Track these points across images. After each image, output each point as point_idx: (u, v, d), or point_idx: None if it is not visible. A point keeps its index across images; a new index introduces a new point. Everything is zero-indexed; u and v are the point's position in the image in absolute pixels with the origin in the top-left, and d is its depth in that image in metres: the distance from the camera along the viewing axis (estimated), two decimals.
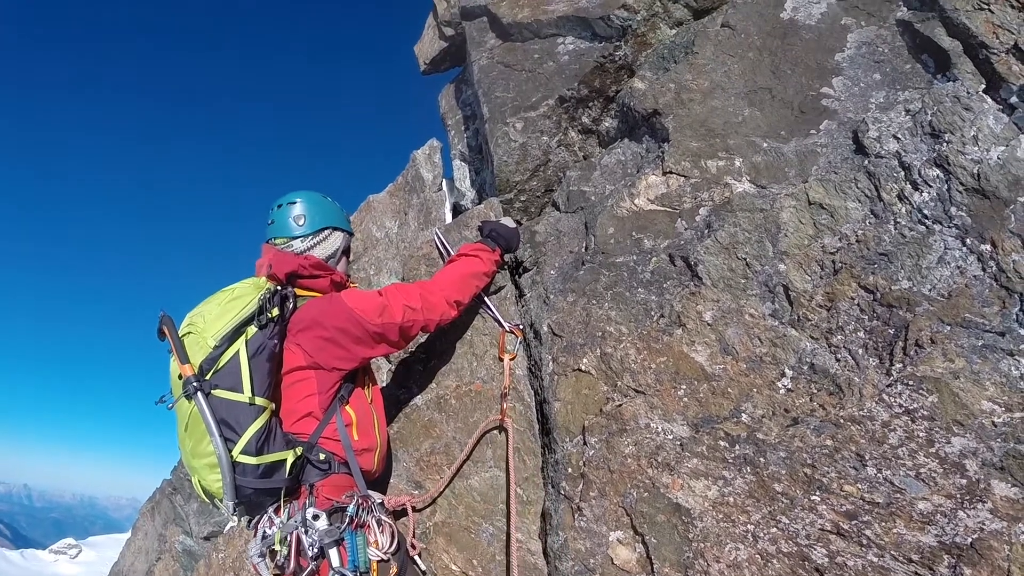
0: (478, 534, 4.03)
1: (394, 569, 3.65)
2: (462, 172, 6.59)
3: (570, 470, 3.73)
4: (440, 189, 5.95)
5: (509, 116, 5.37)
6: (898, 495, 2.81)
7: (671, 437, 3.49)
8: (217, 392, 3.47)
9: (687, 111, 4.52)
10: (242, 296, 3.74)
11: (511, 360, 4.40)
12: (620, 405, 3.73)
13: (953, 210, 3.35)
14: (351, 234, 4.49)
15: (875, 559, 2.69)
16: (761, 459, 3.17)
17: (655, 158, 4.54)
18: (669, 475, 3.34)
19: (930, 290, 3.23)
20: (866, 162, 3.71)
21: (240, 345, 3.59)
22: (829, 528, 2.84)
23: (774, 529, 2.94)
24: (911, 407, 2.98)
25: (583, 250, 4.58)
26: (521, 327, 4.55)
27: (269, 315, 3.72)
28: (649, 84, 4.87)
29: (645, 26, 5.26)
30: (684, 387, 3.63)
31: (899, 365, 3.10)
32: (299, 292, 4.03)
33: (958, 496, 2.72)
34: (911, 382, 3.03)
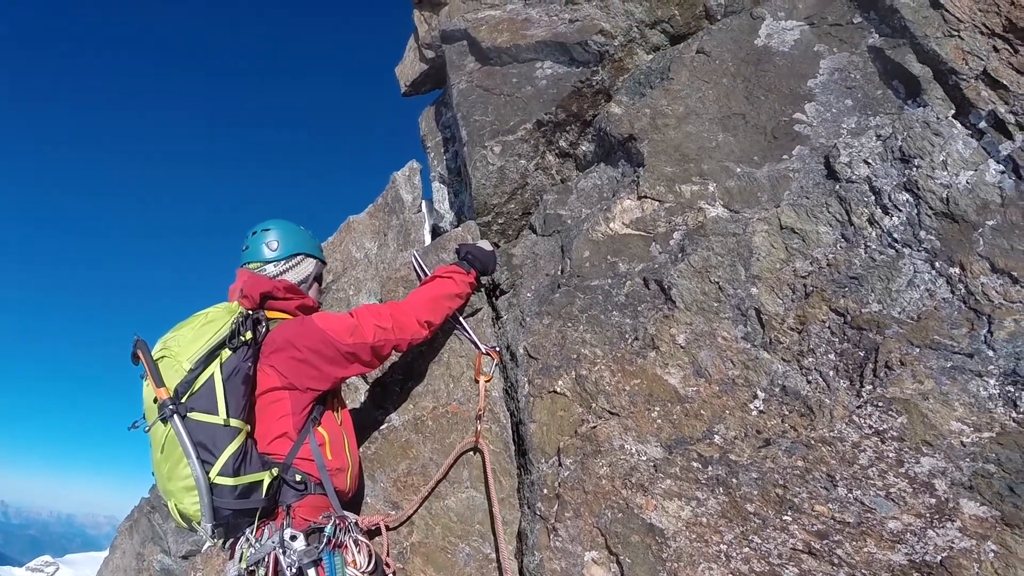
0: (455, 554, 4.04)
1: None
2: (441, 194, 6.62)
3: (545, 491, 3.74)
4: (419, 211, 5.98)
5: (487, 139, 5.41)
6: (868, 514, 2.84)
7: (645, 458, 3.51)
8: (193, 415, 3.49)
9: (662, 136, 4.57)
10: (215, 320, 3.77)
11: (487, 382, 4.43)
12: (595, 427, 3.75)
13: (923, 234, 3.40)
14: (323, 262, 4.58)
15: None
16: (733, 480, 3.19)
17: (630, 182, 4.57)
18: (643, 496, 3.36)
19: (900, 312, 3.27)
20: (837, 187, 3.76)
21: (215, 368, 3.61)
22: (801, 548, 2.86)
23: (747, 549, 2.96)
24: (881, 428, 3.02)
25: (559, 273, 4.60)
26: (498, 349, 4.58)
27: (242, 338, 3.76)
28: (625, 109, 4.92)
29: (622, 51, 5.32)
30: (658, 409, 3.65)
31: (869, 387, 3.14)
32: (270, 315, 4.06)
33: (927, 515, 2.76)
34: (881, 403, 3.06)
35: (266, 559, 3.48)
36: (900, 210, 3.51)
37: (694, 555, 3.07)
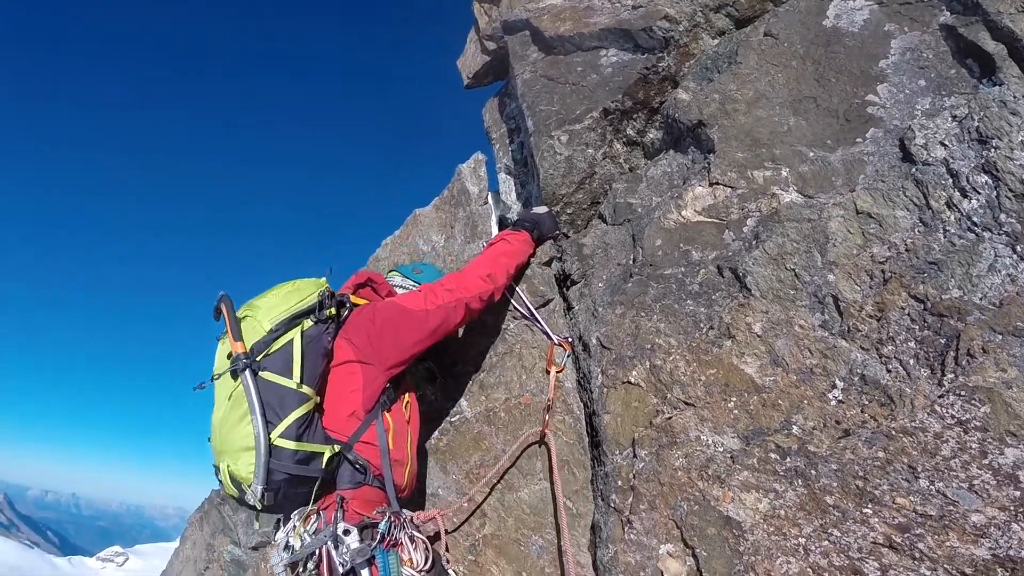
0: (527, 546, 4.05)
1: None
2: (508, 185, 6.62)
3: (620, 483, 3.73)
4: (486, 202, 5.98)
5: (554, 129, 5.39)
6: (951, 507, 2.78)
7: (721, 449, 3.48)
8: (265, 374, 3.54)
9: (732, 121, 4.51)
10: (302, 290, 3.87)
11: (558, 373, 4.43)
12: (670, 417, 3.73)
13: (1003, 217, 3.32)
14: None
15: (928, 573, 2.66)
16: (812, 471, 3.15)
17: (701, 169, 4.53)
18: (720, 488, 3.33)
19: (981, 299, 3.19)
20: (913, 170, 3.68)
21: (295, 334, 3.69)
22: (881, 541, 2.81)
23: (825, 542, 2.92)
24: (963, 418, 2.95)
25: (631, 262, 4.58)
26: (570, 340, 4.58)
27: (327, 312, 3.85)
28: (693, 95, 4.86)
29: (687, 37, 5.26)
30: (734, 399, 3.62)
31: (951, 375, 3.07)
32: (355, 300, 4.14)
33: (1012, 508, 2.68)
34: (963, 392, 2.99)
35: (317, 553, 3.44)
36: (979, 192, 3.43)
37: (772, 548, 3.03)
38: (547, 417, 4.26)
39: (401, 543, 3.60)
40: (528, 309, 4.70)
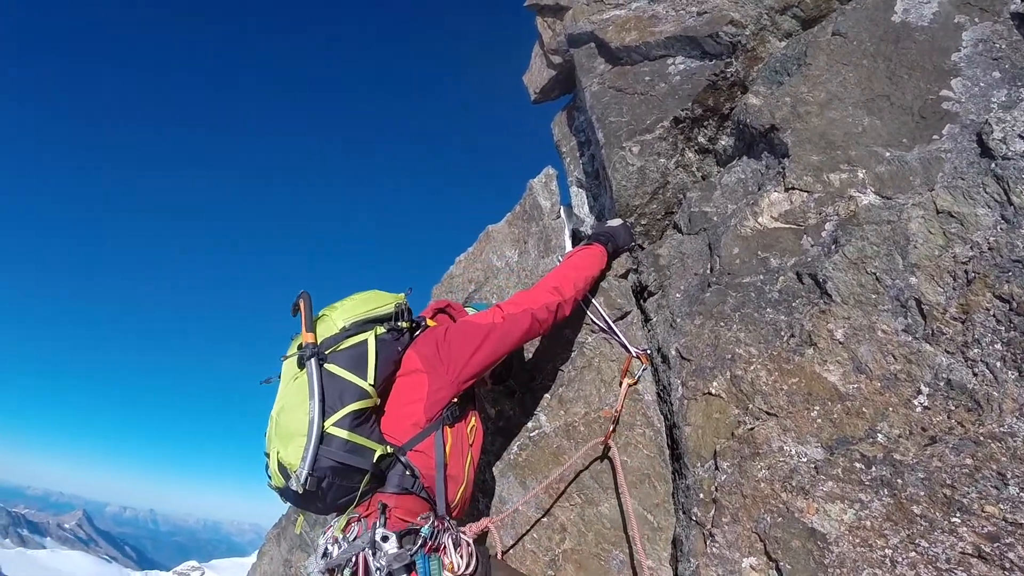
0: (608, 561, 4.04)
1: None
2: (580, 198, 6.61)
3: (702, 495, 3.70)
4: (558, 216, 5.99)
5: (625, 140, 5.38)
6: None
7: (805, 460, 3.43)
8: (330, 366, 3.62)
9: (805, 124, 4.45)
10: (379, 298, 4.01)
11: (631, 385, 4.41)
12: (752, 428, 3.69)
13: None
14: None
15: None
16: (898, 480, 3.08)
17: (776, 174, 4.48)
18: (804, 499, 3.28)
19: None
20: (993, 165, 3.58)
21: (369, 336, 3.78)
22: (970, 551, 2.74)
23: (913, 553, 2.86)
24: None
25: (708, 271, 4.55)
26: (648, 352, 4.55)
27: (401, 323, 3.97)
28: (764, 99, 4.81)
29: (754, 40, 5.20)
30: (817, 408, 3.56)
31: None
32: (429, 322, 4.20)
33: None
34: None
35: (354, 559, 3.41)
36: None
37: (858, 560, 2.98)
38: (611, 428, 4.24)
39: (444, 547, 3.58)
40: (605, 322, 4.69)
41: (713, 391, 3.97)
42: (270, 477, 3.70)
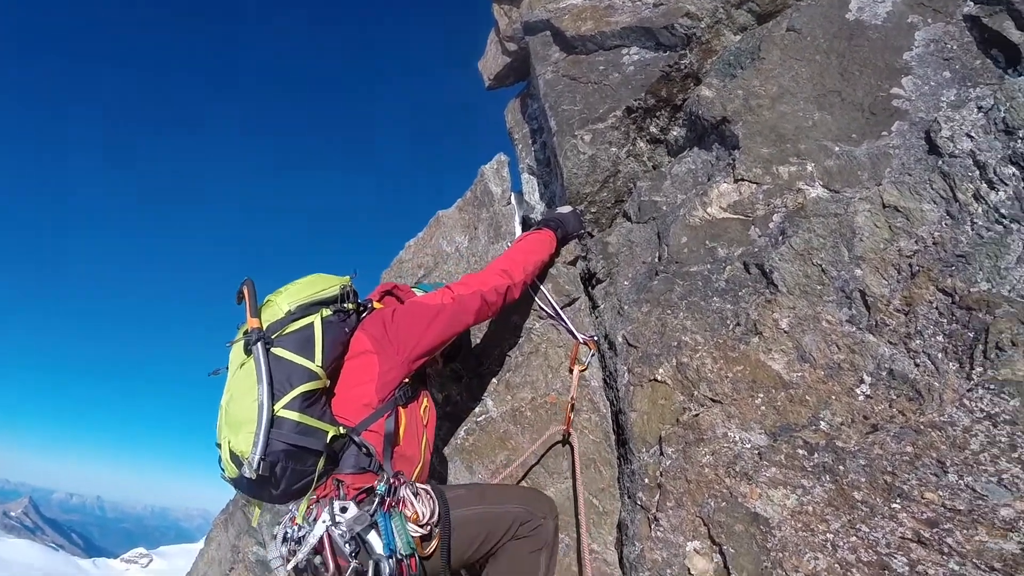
0: None
1: (435, 543, 3.58)
2: (531, 185, 6.61)
3: (647, 480, 3.72)
4: (509, 203, 5.98)
5: (577, 128, 5.38)
6: (980, 502, 2.75)
7: (749, 446, 3.47)
8: (277, 350, 3.58)
9: (756, 117, 4.49)
10: (324, 281, 3.97)
11: (581, 371, 4.43)
12: (697, 415, 3.72)
13: None
14: None
15: (956, 567, 2.63)
16: (840, 467, 3.13)
17: (726, 166, 4.51)
18: (747, 484, 3.32)
19: (1010, 291, 3.16)
20: (940, 162, 3.65)
21: (315, 318, 3.75)
22: (910, 536, 2.79)
23: (854, 538, 2.90)
24: (992, 412, 2.92)
25: (656, 260, 4.57)
26: (595, 339, 4.57)
27: (347, 306, 3.95)
28: (716, 91, 4.84)
29: (709, 33, 5.23)
30: (761, 395, 3.60)
31: (980, 369, 3.04)
32: (376, 305, 4.19)
33: None
34: (992, 386, 2.96)
35: (319, 544, 3.34)
36: (1006, 184, 3.39)
37: (800, 544, 3.02)
38: (570, 415, 4.26)
39: (404, 499, 3.53)
40: (553, 308, 4.70)
41: (659, 378, 4.00)
42: (223, 468, 3.61)
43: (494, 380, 4.84)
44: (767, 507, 3.20)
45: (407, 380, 3.96)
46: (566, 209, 5.17)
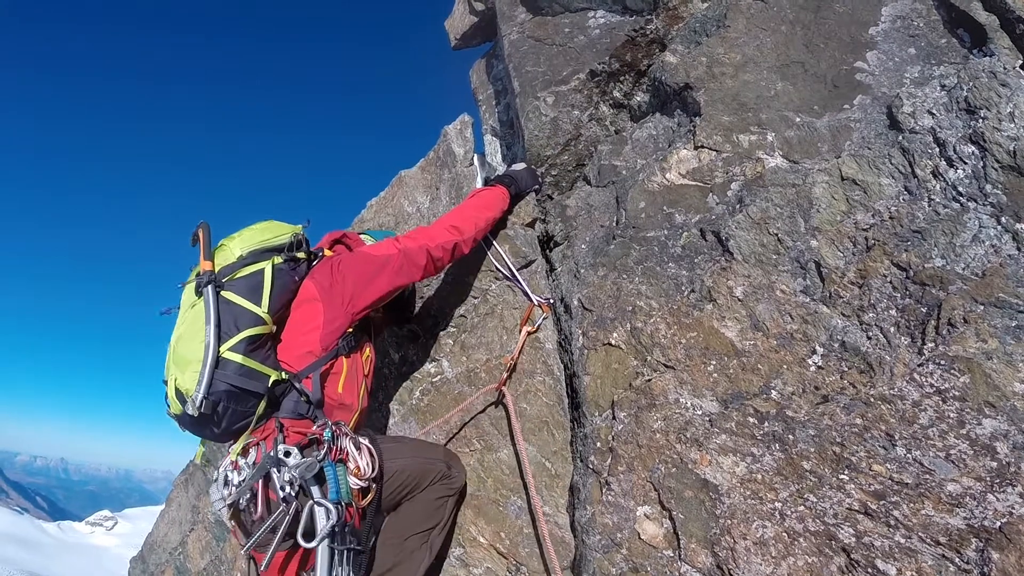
0: (506, 507, 4.06)
1: (371, 495, 3.70)
2: (493, 147, 6.58)
3: (599, 444, 3.73)
4: (471, 164, 5.95)
5: (540, 90, 5.35)
6: (927, 476, 2.78)
7: (700, 413, 3.48)
8: (227, 293, 3.66)
9: (719, 85, 4.48)
10: (277, 228, 4.03)
11: (530, 333, 4.43)
12: (650, 380, 3.73)
13: (988, 188, 3.31)
14: None
15: (902, 540, 2.67)
16: (790, 436, 3.15)
17: (687, 132, 4.51)
18: (697, 451, 3.34)
19: (964, 268, 3.19)
20: (900, 138, 3.66)
21: (266, 264, 3.81)
22: (857, 508, 2.82)
23: (801, 507, 2.93)
24: (942, 387, 2.95)
25: (614, 224, 4.57)
26: (551, 301, 4.56)
27: (297, 254, 4.01)
28: (681, 58, 4.82)
29: None
30: (714, 363, 3.61)
31: (931, 344, 3.07)
32: (327, 253, 4.29)
33: (988, 479, 2.69)
34: (943, 362, 2.99)
35: (255, 487, 3.42)
36: (965, 163, 3.41)
37: (748, 512, 3.04)
38: (506, 376, 4.26)
39: (347, 452, 3.64)
40: (510, 270, 4.68)
41: (613, 342, 4.00)
42: (168, 405, 3.67)
43: (449, 341, 4.83)
44: (717, 474, 3.22)
45: (351, 329, 4.02)
46: (520, 166, 5.14)
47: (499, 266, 4.75)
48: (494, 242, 4.77)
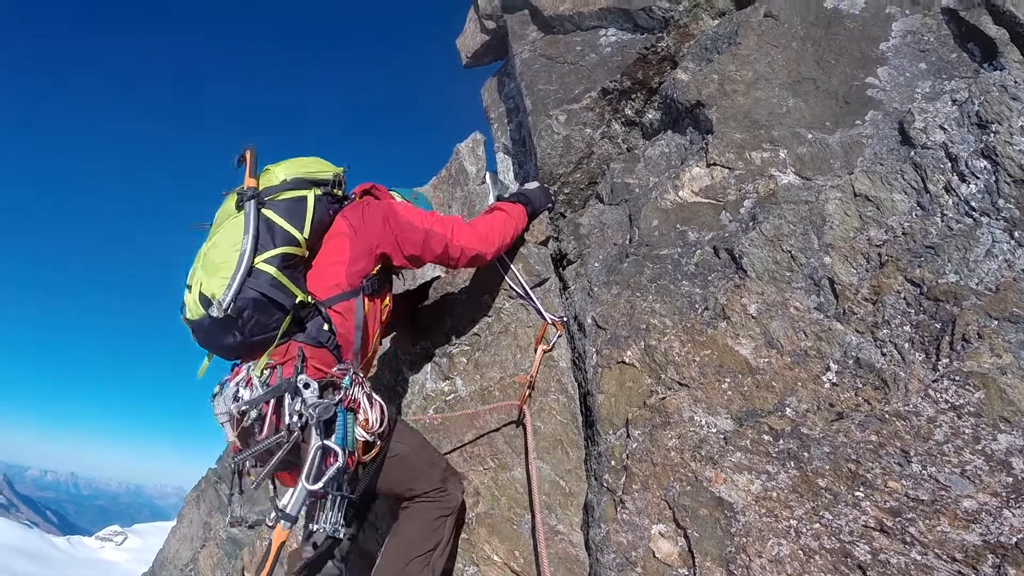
0: (520, 525, 4.05)
1: (375, 451, 3.77)
2: (505, 165, 6.60)
3: (613, 463, 3.73)
4: (484, 182, 5.97)
5: (552, 108, 5.37)
6: (943, 492, 2.77)
7: (715, 431, 3.48)
8: (267, 212, 3.73)
9: (731, 102, 4.49)
10: (321, 164, 4.13)
11: (546, 351, 4.43)
12: (664, 398, 3.72)
13: (1001, 202, 3.30)
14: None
15: (918, 557, 2.66)
16: (805, 454, 3.14)
17: (699, 150, 4.52)
18: (712, 469, 3.33)
19: (977, 284, 3.18)
20: (912, 153, 3.66)
21: (308, 193, 3.89)
22: (872, 525, 2.81)
23: (817, 525, 2.92)
24: (957, 403, 2.94)
25: (627, 242, 4.57)
26: (564, 319, 4.56)
27: (335, 191, 4.08)
28: (692, 75, 4.84)
29: (687, 17, 5.23)
30: (728, 380, 3.61)
31: (945, 360, 3.06)
32: (357, 199, 4.32)
33: (1004, 494, 2.68)
34: (957, 377, 2.99)
35: (262, 408, 3.48)
36: (978, 177, 3.41)
37: (763, 530, 3.03)
38: (525, 394, 4.26)
39: (359, 402, 3.72)
40: (523, 288, 4.68)
41: (627, 360, 4.01)
42: (186, 311, 3.72)
43: (463, 359, 4.83)
44: (732, 492, 3.22)
45: (375, 272, 4.08)
46: (533, 184, 5.16)
47: (512, 284, 4.75)
48: (508, 260, 4.78)
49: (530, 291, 4.66)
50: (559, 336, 4.51)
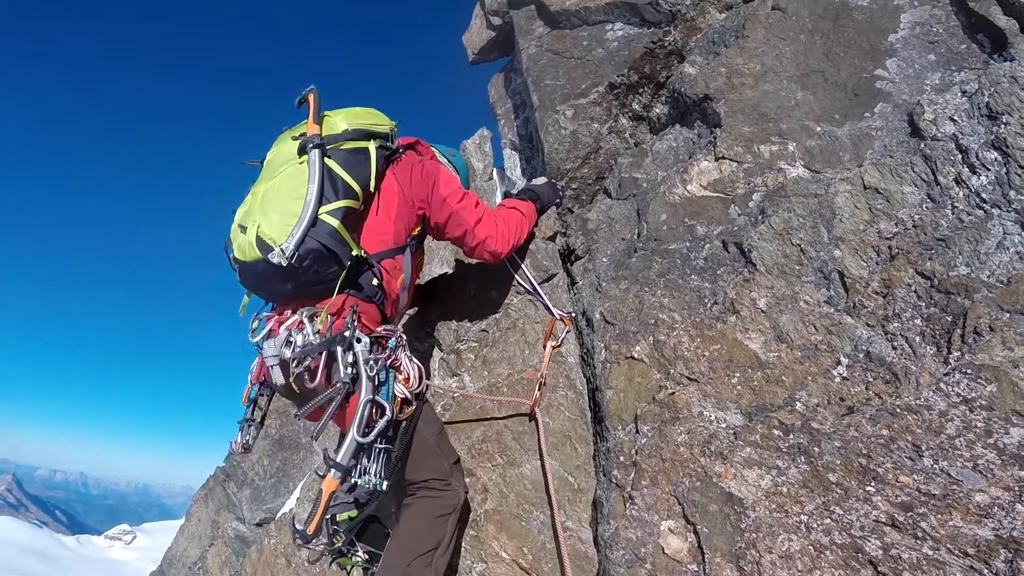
0: (528, 522, 4.03)
1: (410, 409, 3.85)
2: (512, 161, 6.58)
3: (622, 458, 3.71)
4: (491, 178, 5.96)
5: (559, 104, 5.35)
6: (955, 487, 2.75)
7: (724, 426, 3.45)
8: (329, 161, 3.72)
9: (739, 95, 4.47)
10: (379, 116, 4.14)
11: (555, 348, 4.42)
12: (673, 393, 3.70)
13: (1012, 194, 3.27)
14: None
15: (930, 552, 2.63)
16: (815, 448, 3.12)
17: (707, 144, 4.50)
18: (722, 464, 3.31)
19: (989, 276, 3.15)
20: (922, 145, 3.64)
21: (370, 146, 3.90)
22: (884, 520, 2.79)
23: (828, 520, 2.90)
24: (969, 396, 2.92)
25: (635, 237, 4.55)
26: (572, 315, 4.55)
27: (390, 144, 4.06)
28: (700, 69, 4.81)
29: (694, 10, 5.21)
30: (738, 375, 3.59)
31: (957, 353, 3.04)
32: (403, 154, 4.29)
33: (1016, 489, 2.65)
34: (969, 371, 2.96)
35: (322, 353, 3.52)
36: (988, 169, 3.38)
37: (774, 525, 3.01)
38: (537, 391, 4.24)
39: (400, 362, 3.84)
40: (531, 284, 4.66)
41: (636, 355, 3.99)
42: (238, 251, 3.71)
43: (471, 356, 4.82)
44: (742, 487, 3.19)
45: (416, 232, 4.13)
46: (541, 180, 5.14)
47: (520, 280, 4.74)
48: (516, 255, 4.76)
49: (538, 287, 4.64)
50: (567, 332, 4.49)
